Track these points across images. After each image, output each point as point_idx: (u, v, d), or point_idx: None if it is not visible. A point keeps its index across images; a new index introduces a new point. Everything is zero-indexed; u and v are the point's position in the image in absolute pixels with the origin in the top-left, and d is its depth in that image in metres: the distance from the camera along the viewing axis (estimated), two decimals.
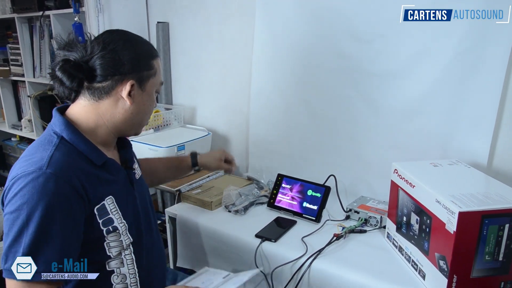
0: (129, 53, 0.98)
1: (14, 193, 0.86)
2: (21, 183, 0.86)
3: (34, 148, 0.95)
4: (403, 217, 1.17)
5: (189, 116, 2.19)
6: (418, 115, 1.42)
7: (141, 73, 1.00)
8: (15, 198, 0.86)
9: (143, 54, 1.02)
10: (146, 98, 1.04)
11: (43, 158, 0.89)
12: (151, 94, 1.05)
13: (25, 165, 0.89)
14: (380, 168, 1.49)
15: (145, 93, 1.02)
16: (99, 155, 0.99)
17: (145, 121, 1.09)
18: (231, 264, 1.35)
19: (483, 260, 0.96)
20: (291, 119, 1.74)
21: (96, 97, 0.98)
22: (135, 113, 1.02)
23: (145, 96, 1.03)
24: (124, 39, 0.99)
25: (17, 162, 0.94)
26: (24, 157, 0.93)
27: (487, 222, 0.93)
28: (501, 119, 1.30)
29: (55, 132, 0.96)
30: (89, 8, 1.95)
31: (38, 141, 0.97)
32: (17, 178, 0.87)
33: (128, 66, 0.97)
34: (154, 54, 1.05)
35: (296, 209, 1.46)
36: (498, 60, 1.25)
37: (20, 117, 2.87)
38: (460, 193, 1.00)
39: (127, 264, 1.01)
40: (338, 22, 1.53)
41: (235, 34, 1.88)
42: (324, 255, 1.20)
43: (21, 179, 0.87)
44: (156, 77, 1.05)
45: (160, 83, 1.08)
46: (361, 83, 1.52)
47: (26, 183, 0.86)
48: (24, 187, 0.86)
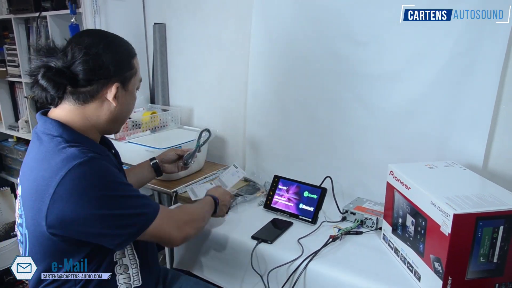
0: (112, 56, 0.99)
1: (79, 187, 0.88)
2: (74, 178, 0.87)
3: (47, 153, 0.93)
4: (399, 218, 1.17)
5: (186, 117, 2.19)
6: (414, 117, 1.43)
7: (124, 74, 1.02)
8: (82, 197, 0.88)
9: (124, 55, 1.03)
10: (129, 97, 1.07)
11: (73, 152, 0.90)
12: (133, 92, 1.08)
13: (55, 169, 0.88)
14: (376, 170, 1.50)
15: (128, 93, 1.05)
16: (102, 148, 1.04)
17: (127, 118, 1.13)
18: (227, 266, 1.36)
19: (477, 262, 0.96)
20: (287, 121, 1.75)
21: (81, 101, 0.99)
22: (119, 112, 1.05)
23: (128, 95, 1.06)
24: (105, 42, 0.99)
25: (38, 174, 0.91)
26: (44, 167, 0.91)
27: (482, 224, 0.93)
28: (497, 121, 1.30)
29: (53, 135, 0.95)
30: (86, 9, 1.95)
31: (45, 148, 0.95)
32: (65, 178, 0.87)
33: (112, 69, 0.98)
34: (133, 53, 1.07)
35: (293, 211, 1.46)
36: (493, 62, 1.25)
37: (17, 118, 2.86)
38: (455, 195, 1.00)
39: (128, 254, 1.05)
40: (334, 25, 1.53)
41: (232, 36, 1.88)
42: (320, 256, 1.20)
43: (68, 177, 0.87)
44: (136, 75, 1.07)
45: (140, 79, 1.10)
46: (358, 85, 1.53)
47: (83, 173, 0.88)
48: (85, 177, 0.88)
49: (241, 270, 1.31)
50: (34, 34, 2.45)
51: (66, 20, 2.14)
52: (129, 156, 1.74)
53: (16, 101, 2.85)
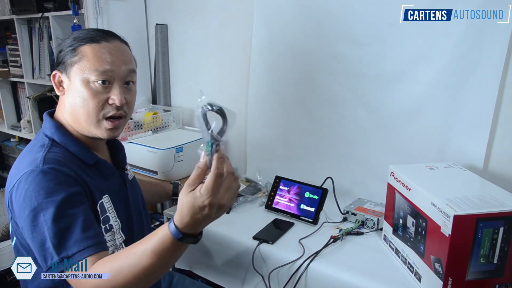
0: (62, 46, 1.00)
1: (21, 196, 0.88)
2: (23, 185, 0.88)
3: (28, 151, 0.97)
4: (400, 219, 1.18)
5: (188, 118, 2.19)
6: (415, 118, 1.43)
7: (65, 61, 0.99)
8: (24, 202, 0.87)
9: (71, 42, 0.99)
10: (75, 87, 0.97)
11: (36, 159, 0.91)
12: (82, 84, 0.96)
13: (21, 168, 0.91)
14: (378, 171, 1.50)
15: (72, 82, 0.98)
16: (91, 155, 1.01)
17: (90, 116, 0.98)
18: (229, 266, 1.36)
19: (478, 263, 0.96)
20: (289, 122, 1.75)
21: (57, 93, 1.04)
22: (72, 103, 0.98)
23: (73, 85, 0.97)
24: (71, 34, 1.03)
25: (13, 168, 0.96)
26: (18, 162, 0.96)
27: (482, 226, 0.94)
28: (497, 122, 1.31)
29: (46, 135, 0.99)
30: (88, 10, 1.96)
31: (31, 145, 1.00)
32: (18, 182, 0.89)
33: (56, 57, 1.00)
34: (86, 40, 0.97)
35: (294, 211, 1.47)
36: (494, 63, 1.25)
37: (19, 118, 2.88)
38: (456, 196, 1.01)
39: None
40: (335, 26, 1.53)
41: (233, 37, 1.89)
42: (321, 257, 1.21)
43: (22, 182, 0.88)
44: (82, 63, 0.96)
45: (94, 69, 0.95)
46: (359, 86, 1.53)
47: (28, 183, 0.88)
48: (27, 188, 0.87)
49: (243, 271, 1.31)
50: (36, 34, 2.47)
51: (68, 21, 2.16)
52: (131, 157, 1.74)
53: (18, 101, 2.87)
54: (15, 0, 2.35)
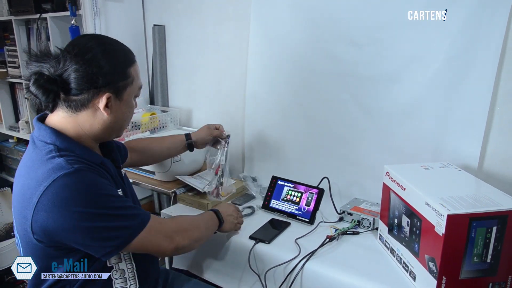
0: (104, 65, 0.95)
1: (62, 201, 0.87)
2: (63, 189, 0.87)
3: (36, 161, 0.93)
4: (395, 219, 1.19)
5: (185, 119, 2.20)
6: (410, 118, 1.44)
7: (117, 84, 0.98)
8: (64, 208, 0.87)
9: (118, 65, 0.98)
10: (125, 107, 1.02)
11: (59, 163, 0.90)
12: (129, 102, 1.03)
13: (42, 177, 0.88)
14: (373, 171, 1.51)
15: (123, 102, 1.01)
16: (96, 155, 1.01)
17: (125, 126, 1.09)
18: (226, 265, 1.37)
19: (471, 262, 0.97)
20: (285, 122, 1.76)
21: (74, 109, 0.97)
22: (114, 122, 1.02)
23: (123, 105, 1.02)
24: (99, 50, 0.96)
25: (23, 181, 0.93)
26: (29, 174, 0.92)
27: (475, 225, 0.95)
28: (492, 122, 1.32)
29: (46, 142, 0.95)
30: (86, 11, 1.96)
31: (35, 155, 0.95)
32: (48, 188, 0.87)
33: (103, 79, 0.95)
34: (130, 62, 1.02)
35: (290, 211, 1.48)
36: (488, 63, 1.26)
37: (17, 118, 2.88)
38: (450, 196, 1.01)
39: (124, 259, 1.05)
40: (332, 26, 1.54)
41: (230, 37, 1.90)
42: (317, 256, 1.22)
43: (58, 187, 0.87)
44: (134, 84, 1.02)
45: (139, 87, 1.06)
46: (355, 86, 1.54)
47: (70, 185, 0.88)
48: (72, 189, 0.88)
49: (239, 270, 1.32)
50: (34, 35, 2.47)
51: (66, 22, 2.16)
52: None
53: (16, 102, 2.86)
54: (13, 1, 2.35)
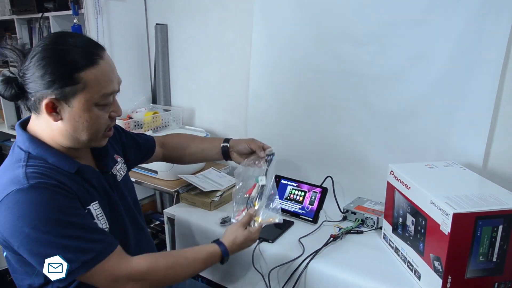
0: (47, 68, 0.86)
1: (13, 216, 0.84)
2: (13, 205, 0.84)
3: (5, 167, 0.92)
4: (399, 218, 1.18)
5: (188, 118, 2.20)
6: (415, 116, 1.44)
7: (63, 89, 0.87)
8: (19, 221, 0.83)
9: (64, 68, 0.87)
10: (80, 115, 0.90)
11: (18, 176, 0.87)
12: (86, 109, 0.90)
13: (2, 187, 0.86)
14: (377, 169, 1.51)
15: (75, 109, 0.90)
16: (71, 163, 0.95)
17: (93, 135, 0.95)
18: (229, 265, 1.36)
19: (477, 261, 0.97)
20: (288, 121, 1.76)
21: (36, 112, 0.92)
22: (71, 130, 0.92)
23: (77, 112, 0.90)
24: (49, 51, 0.87)
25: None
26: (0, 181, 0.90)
27: (481, 224, 0.94)
28: (496, 121, 1.31)
29: (21, 149, 0.93)
30: (88, 10, 1.96)
31: (8, 160, 0.95)
32: (2, 203, 0.85)
33: (45, 82, 0.86)
34: (82, 66, 0.88)
35: (294, 210, 1.47)
36: (493, 62, 1.26)
37: (19, 118, 2.88)
38: (455, 194, 1.01)
39: None
40: (335, 25, 1.54)
41: (233, 36, 1.89)
42: (321, 255, 1.21)
43: (10, 203, 0.84)
44: (89, 90, 0.89)
45: (101, 94, 0.91)
46: (358, 85, 1.53)
47: (20, 203, 0.84)
48: (19, 207, 0.84)
49: (243, 269, 1.32)
50: (36, 34, 2.47)
51: (68, 21, 2.16)
52: None
53: None
54: (15, 0, 2.35)
